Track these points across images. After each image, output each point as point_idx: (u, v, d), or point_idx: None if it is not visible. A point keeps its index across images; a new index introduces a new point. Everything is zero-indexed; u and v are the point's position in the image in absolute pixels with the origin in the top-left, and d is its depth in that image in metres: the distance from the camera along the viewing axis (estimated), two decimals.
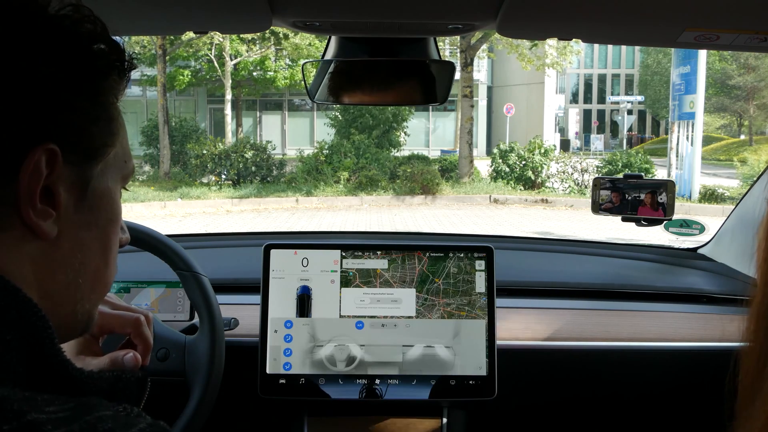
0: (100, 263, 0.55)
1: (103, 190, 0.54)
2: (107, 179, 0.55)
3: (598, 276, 1.75)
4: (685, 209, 10.34)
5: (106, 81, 0.53)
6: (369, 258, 1.36)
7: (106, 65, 0.53)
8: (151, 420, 0.45)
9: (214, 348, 1.18)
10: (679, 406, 1.48)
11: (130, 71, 0.57)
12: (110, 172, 0.55)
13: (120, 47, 0.55)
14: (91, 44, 0.52)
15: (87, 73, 0.51)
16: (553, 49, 16.03)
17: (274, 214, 11.44)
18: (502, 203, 12.52)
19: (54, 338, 0.46)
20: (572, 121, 37.31)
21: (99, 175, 0.54)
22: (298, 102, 26.08)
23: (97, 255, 0.55)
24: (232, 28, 1.23)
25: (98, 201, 0.54)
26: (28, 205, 0.47)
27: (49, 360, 0.46)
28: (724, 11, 0.96)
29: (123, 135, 0.57)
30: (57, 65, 0.49)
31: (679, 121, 13.14)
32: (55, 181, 0.49)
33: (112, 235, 0.57)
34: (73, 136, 0.50)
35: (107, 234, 0.56)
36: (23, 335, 0.44)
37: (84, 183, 0.52)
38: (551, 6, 0.97)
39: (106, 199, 0.55)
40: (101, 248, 0.55)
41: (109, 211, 0.56)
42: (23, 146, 0.47)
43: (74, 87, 0.50)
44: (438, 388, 1.31)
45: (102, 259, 0.56)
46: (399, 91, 1.26)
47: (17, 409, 0.39)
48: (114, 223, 0.57)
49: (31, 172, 0.47)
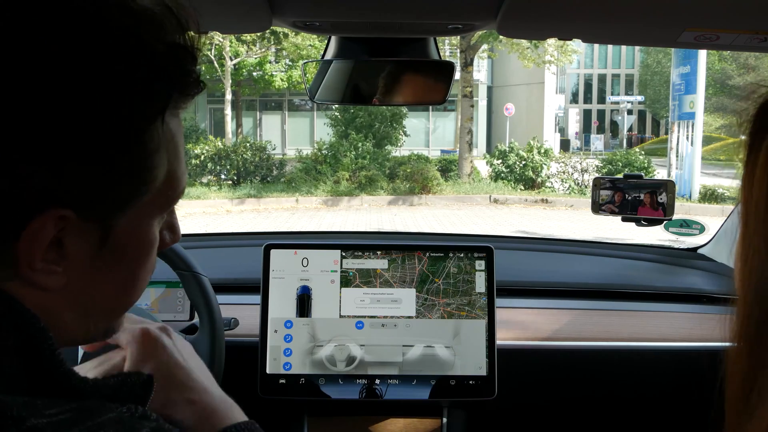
0: (119, 293, 0.50)
1: (131, 234, 0.47)
2: (138, 222, 0.47)
3: (598, 276, 1.75)
4: (685, 209, 10.33)
5: (156, 104, 0.44)
6: (369, 258, 1.36)
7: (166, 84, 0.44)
8: (155, 423, 0.44)
9: (214, 348, 1.18)
10: (679, 405, 1.48)
11: (199, 87, 0.47)
12: (144, 212, 0.47)
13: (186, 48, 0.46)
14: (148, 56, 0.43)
15: (129, 105, 0.42)
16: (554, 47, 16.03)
17: (274, 214, 11.44)
18: (502, 203, 12.52)
19: (54, 348, 0.44)
20: (572, 121, 37.31)
21: (126, 222, 0.46)
22: (298, 102, 26.08)
23: (115, 289, 0.49)
24: (232, 28, 1.24)
25: (122, 245, 0.47)
26: (27, 267, 0.42)
27: (51, 372, 0.43)
28: (724, 11, 0.96)
29: (172, 160, 0.47)
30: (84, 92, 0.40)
31: (679, 121, 13.14)
32: (66, 236, 0.43)
33: (138, 269, 0.50)
34: (92, 196, 0.43)
35: (131, 270, 0.49)
36: (22, 344, 0.42)
37: (105, 232, 0.45)
38: (551, 6, 0.97)
39: (133, 241, 0.48)
40: (123, 281, 0.49)
41: (136, 250, 0.49)
42: (26, 211, 0.40)
43: (104, 131, 0.41)
44: (438, 388, 1.31)
45: (123, 289, 0.50)
46: (399, 91, 1.26)
47: (17, 415, 0.38)
48: (141, 259, 0.49)
49: (32, 236, 0.41)
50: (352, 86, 1.24)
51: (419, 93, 1.27)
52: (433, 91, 1.24)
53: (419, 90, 1.26)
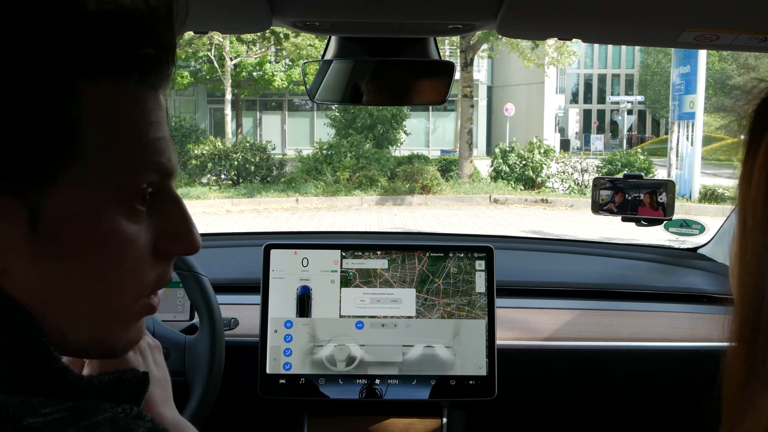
0: (82, 293, 0.46)
1: (68, 217, 0.43)
2: (75, 202, 0.44)
3: (598, 276, 1.75)
4: (685, 209, 10.33)
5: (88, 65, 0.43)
6: (369, 258, 1.36)
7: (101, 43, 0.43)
8: (150, 423, 0.44)
9: (214, 348, 1.18)
10: (679, 406, 1.48)
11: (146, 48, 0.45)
12: (80, 192, 0.44)
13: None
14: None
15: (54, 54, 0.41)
16: (553, 48, 16.03)
17: (274, 214, 11.44)
18: (502, 203, 12.52)
19: (50, 346, 0.43)
20: (572, 121, 37.31)
21: (56, 201, 0.43)
22: (298, 102, 26.08)
23: (73, 287, 0.45)
24: (232, 28, 1.24)
25: (60, 230, 0.43)
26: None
27: (46, 368, 0.43)
28: (724, 11, 0.96)
29: (117, 137, 0.45)
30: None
31: (679, 121, 13.14)
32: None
33: (104, 265, 0.46)
34: (4, 161, 0.41)
35: (90, 265, 0.45)
36: (17, 342, 0.42)
37: (33, 211, 0.42)
38: (551, 6, 0.97)
39: (77, 225, 0.44)
40: (84, 279, 0.45)
41: (85, 240, 0.44)
42: None
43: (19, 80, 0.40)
44: (438, 388, 1.31)
45: (86, 289, 0.46)
46: (399, 91, 1.26)
47: (13, 415, 0.37)
48: (100, 252, 0.45)
49: None
50: (352, 86, 1.24)
51: (419, 93, 1.27)
52: (433, 91, 1.24)
53: (419, 90, 1.26)
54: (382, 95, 1.26)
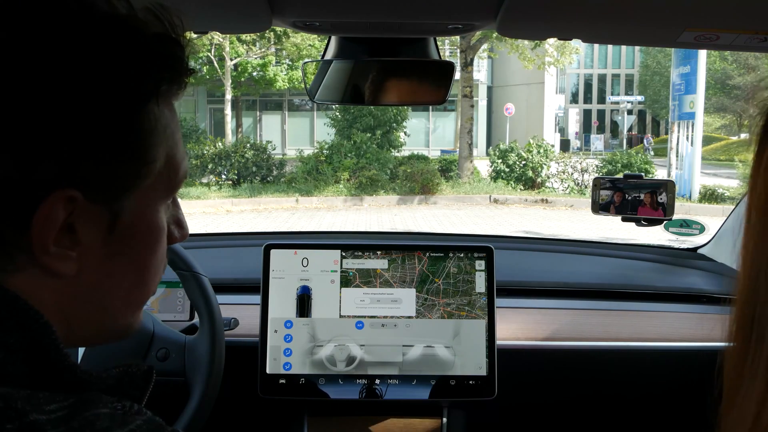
0: (133, 284, 0.51)
1: (138, 218, 0.49)
2: (144, 204, 0.49)
3: (598, 276, 1.75)
4: (685, 209, 10.33)
5: (150, 90, 0.47)
6: (369, 258, 1.36)
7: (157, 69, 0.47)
8: (148, 416, 0.45)
9: (214, 348, 1.18)
10: (679, 406, 1.48)
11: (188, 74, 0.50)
12: (148, 195, 0.49)
13: (172, 39, 0.48)
14: (140, 45, 0.45)
15: (127, 89, 0.45)
16: (554, 48, 16.03)
17: (274, 214, 11.44)
18: (502, 203, 12.52)
19: (58, 344, 0.45)
20: (572, 121, 37.32)
21: (132, 205, 0.48)
22: (298, 102, 26.08)
23: (128, 279, 0.51)
24: (232, 28, 1.24)
25: (131, 230, 0.49)
26: (42, 252, 0.44)
27: (56, 366, 0.44)
28: (724, 11, 0.96)
29: (171, 144, 0.50)
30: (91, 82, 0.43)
31: (679, 121, 13.14)
32: (76, 220, 0.45)
33: (149, 256, 0.52)
34: (96, 176, 0.45)
35: (142, 258, 0.51)
36: (26, 341, 0.43)
37: (113, 216, 0.47)
38: (551, 6, 0.97)
39: (141, 225, 0.50)
40: (135, 271, 0.51)
41: (145, 236, 0.50)
42: (36, 195, 0.42)
43: (106, 113, 0.44)
44: (438, 388, 1.31)
45: (136, 280, 0.51)
46: (399, 91, 1.26)
47: (20, 408, 0.39)
48: (152, 246, 0.51)
49: (44, 220, 0.43)
50: (352, 86, 1.24)
51: (419, 93, 1.27)
52: (433, 91, 1.24)
53: (419, 90, 1.26)
54: (382, 95, 1.26)
